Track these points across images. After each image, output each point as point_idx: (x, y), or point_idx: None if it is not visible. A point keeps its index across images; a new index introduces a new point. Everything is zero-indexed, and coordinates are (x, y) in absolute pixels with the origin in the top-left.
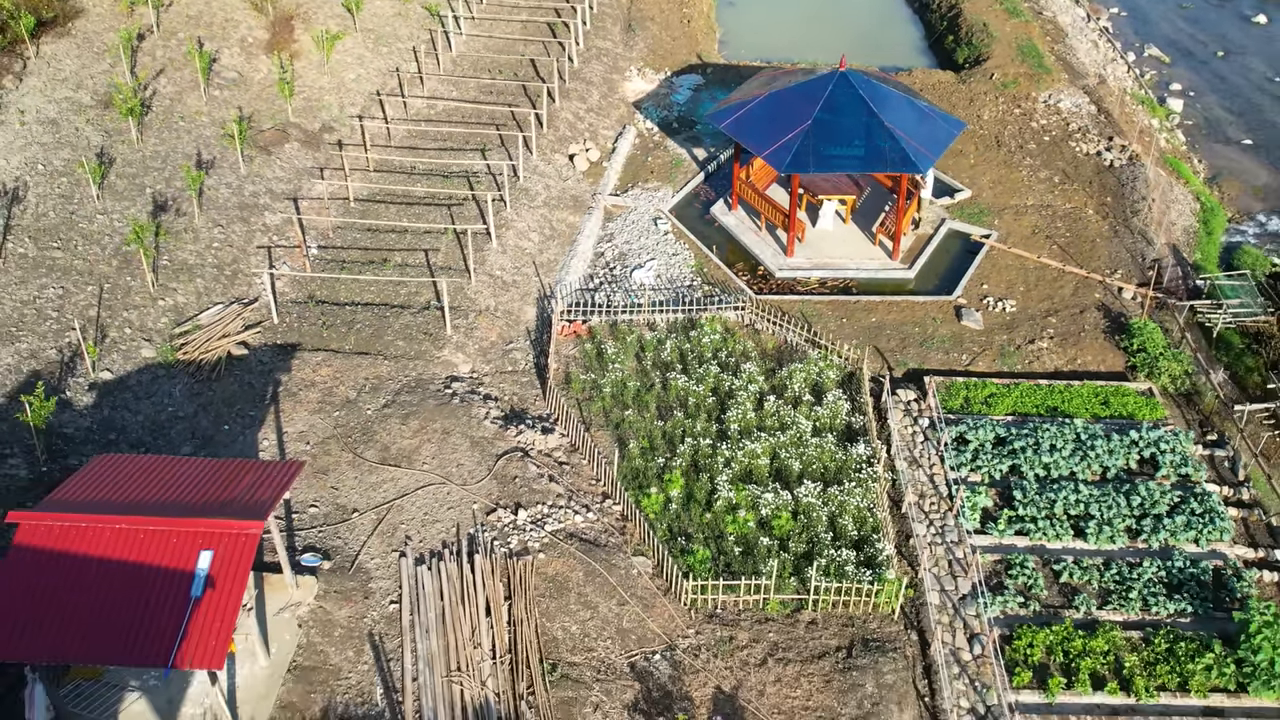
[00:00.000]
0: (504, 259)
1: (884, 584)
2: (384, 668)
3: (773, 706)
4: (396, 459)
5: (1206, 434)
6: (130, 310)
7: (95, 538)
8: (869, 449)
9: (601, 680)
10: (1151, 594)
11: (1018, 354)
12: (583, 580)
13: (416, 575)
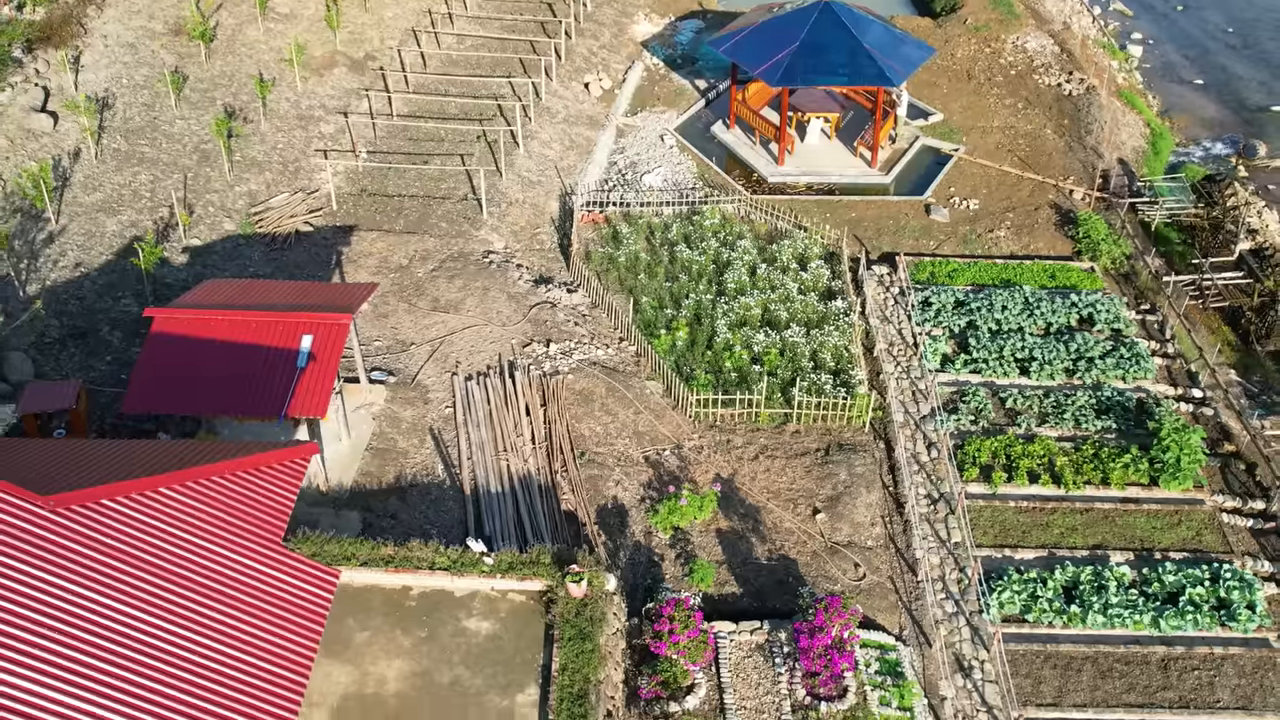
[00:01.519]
0: (529, 163)
1: (856, 399)
2: (443, 452)
3: (763, 487)
4: (445, 308)
5: (1141, 305)
6: (211, 194)
7: (217, 326)
8: (846, 303)
9: (621, 466)
10: (1082, 415)
11: (978, 241)
12: (604, 394)
13: (467, 388)
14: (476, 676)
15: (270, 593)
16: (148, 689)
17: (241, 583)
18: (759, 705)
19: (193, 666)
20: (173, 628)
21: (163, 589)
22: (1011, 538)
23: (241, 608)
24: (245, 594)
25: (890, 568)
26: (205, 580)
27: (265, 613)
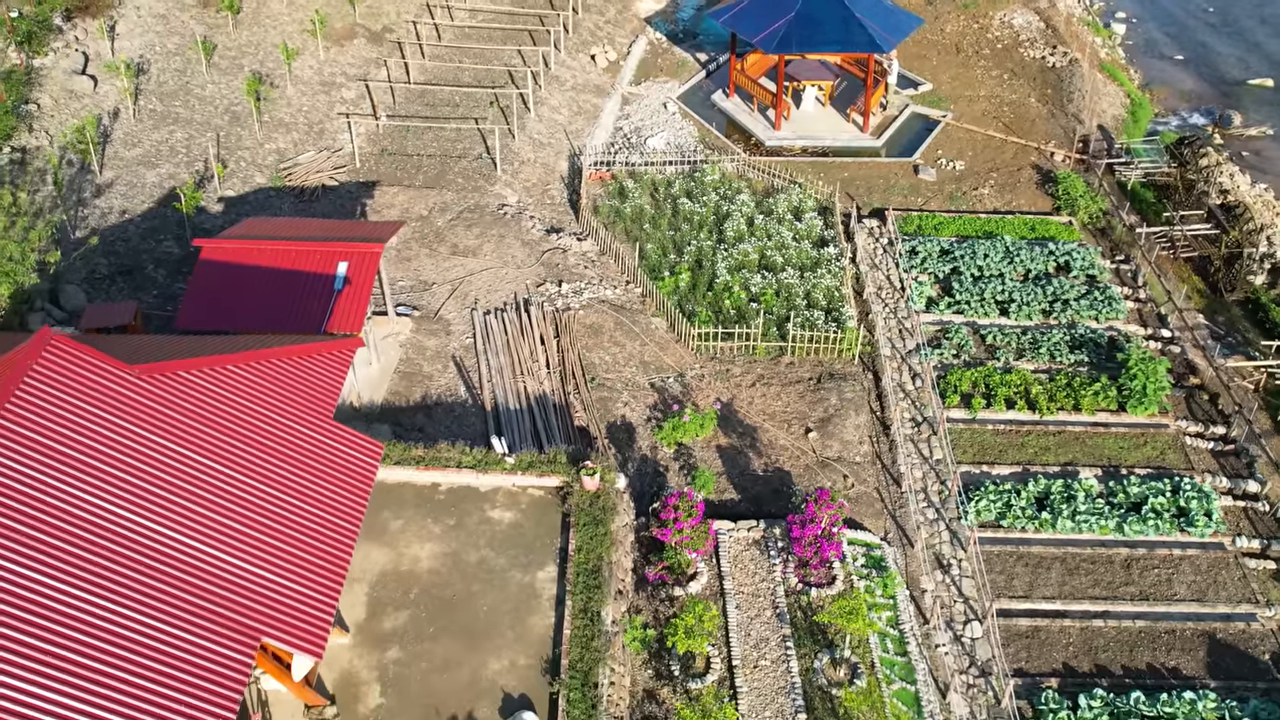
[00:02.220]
0: (540, 126)
1: (847, 332)
2: (464, 375)
3: (759, 410)
4: (463, 253)
5: (1116, 256)
6: (243, 150)
7: (260, 254)
8: (837, 250)
9: (628, 390)
10: (1057, 350)
11: (964, 198)
12: (613, 327)
13: (485, 321)
14: (501, 557)
15: (324, 456)
16: (222, 524)
17: (299, 445)
18: (755, 590)
19: (260, 511)
20: (242, 477)
21: (230, 444)
22: (989, 456)
23: (301, 465)
24: (303, 455)
25: (877, 480)
26: (268, 441)
27: (321, 471)
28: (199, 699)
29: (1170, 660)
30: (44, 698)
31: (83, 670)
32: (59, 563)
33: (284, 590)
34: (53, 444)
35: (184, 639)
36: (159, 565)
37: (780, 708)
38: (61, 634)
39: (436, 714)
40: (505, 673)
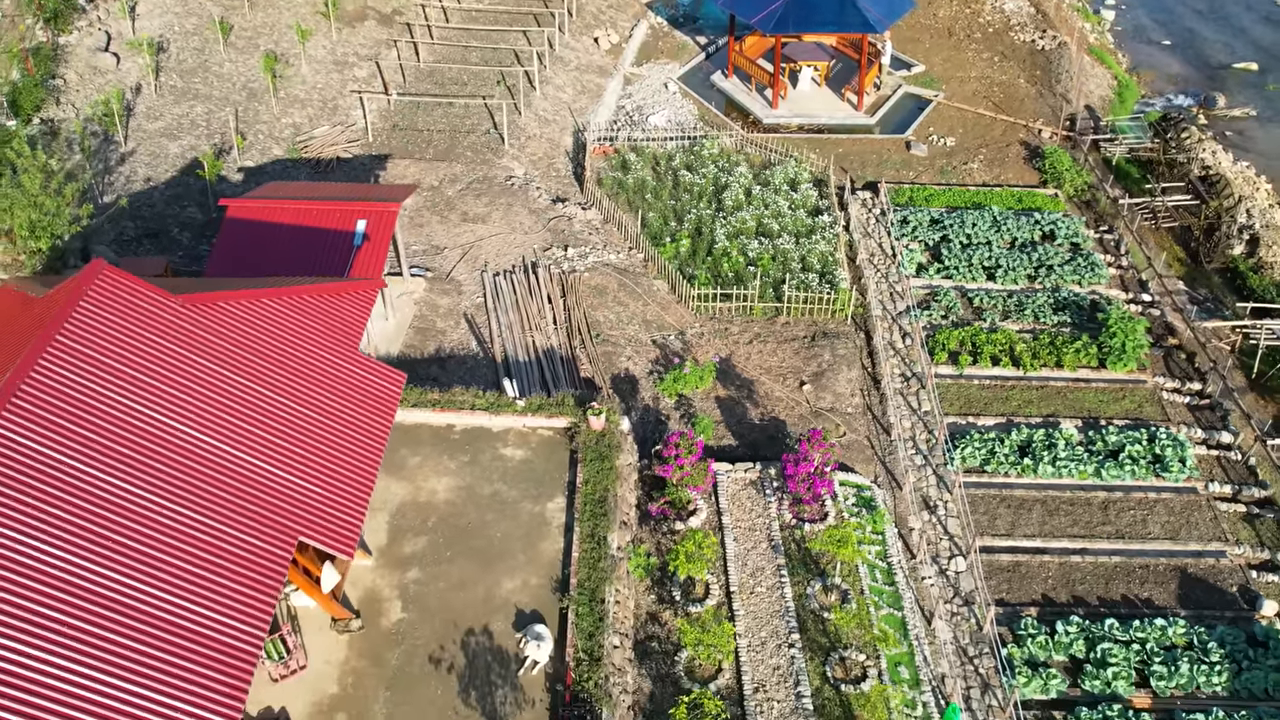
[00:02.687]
0: (545, 104)
1: (840, 293)
2: (476, 331)
3: (756, 365)
4: (473, 220)
5: (1100, 227)
6: (260, 124)
7: (283, 213)
8: (831, 218)
9: (631, 345)
10: (1041, 312)
11: (954, 172)
12: (616, 288)
13: (495, 282)
14: (513, 490)
15: (351, 381)
16: (262, 438)
17: (328, 371)
18: (752, 525)
19: (295, 427)
20: (278, 397)
21: (266, 368)
22: (974, 408)
23: (330, 388)
24: (332, 379)
25: (867, 429)
26: (300, 366)
27: (349, 395)
28: (246, 585)
29: (1143, 592)
30: (113, 577)
31: (147, 557)
32: (119, 464)
33: (318, 496)
34: (107, 359)
35: (232, 534)
36: (208, 471)
37: (775, 629)
38: (127, 525)
39: (454, 627)
40: (518, 591)
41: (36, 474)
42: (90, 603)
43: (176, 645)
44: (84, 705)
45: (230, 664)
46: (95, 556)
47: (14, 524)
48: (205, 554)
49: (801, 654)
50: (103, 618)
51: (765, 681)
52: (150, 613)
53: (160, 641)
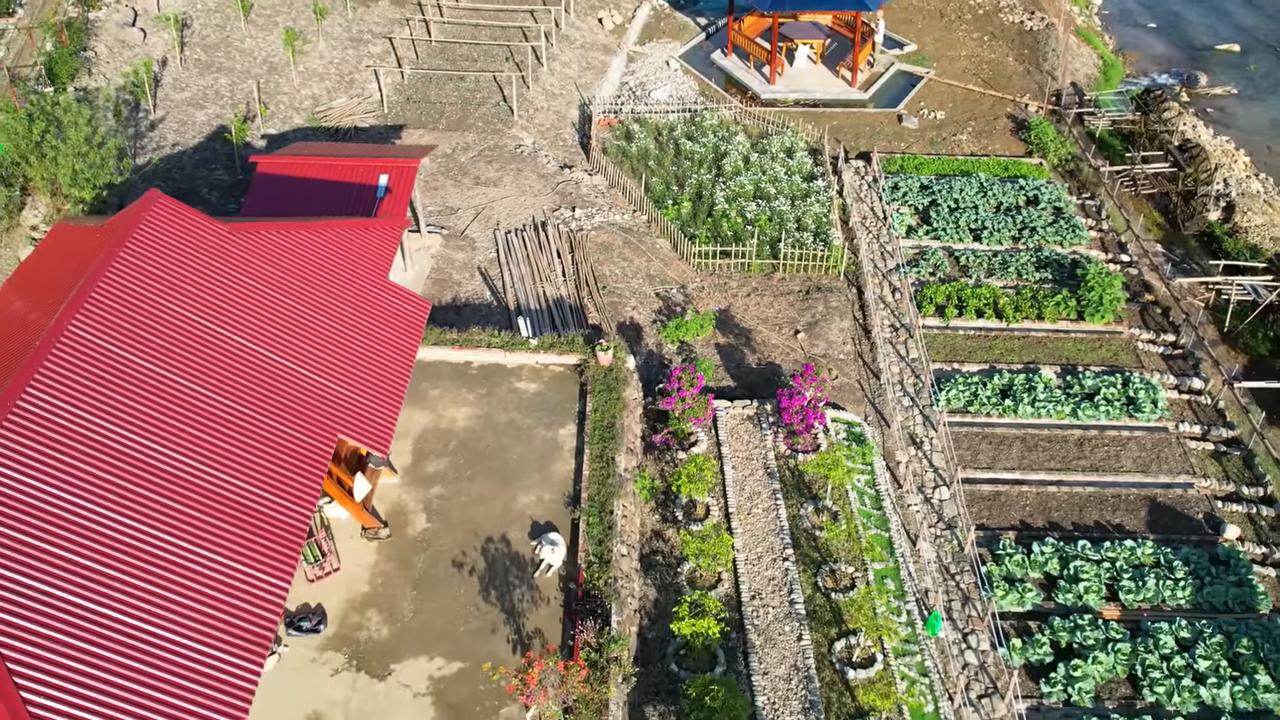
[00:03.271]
0: (552, 79)
1: (833, 250)
2: (489, 283)
3: (754, 316)
4: (485, 183)
5: (1082, 194)
6: (281, 95)
7: (310, 168)
8: (826, 183)
9: (636, 297)
10: (1024, 269)
11: (943, 143)
12: (621, 245)
13: (507, 238)
14: (527, 418)
15: (383, 304)
16: (305, 349)
17: (361, 295)
18: (749, 455)
19: (334, 341)
20: (317, 315)
21: (305, 290)
22: (959, 356)
23: (364, 310)
24: (364, 302)
25: (858, 374)
26: (335, 290)
27: (380, 316)
28: (295, 471)
29: (1115, 518)
30: (183, 460)
31: (209, 443)
32: (181, 363)
33: (354, 400)
34: (165, 275)
35: (281, 429)
36: (257, 375)
37: (770, 545)
38: (191, 417)
39: (475, 536)
40: (533, 505)
41: (110, 369)
42: (167, 480)
43: (238, 518)
44: (167, 565)
45: (283, 535)
46: (166, 441)
47: (95, 411)
48: (259, 443)
49: (795, 566)
50: (178, 494)
51: (761, 590)
52: (215, 490)
53: (225, 514)
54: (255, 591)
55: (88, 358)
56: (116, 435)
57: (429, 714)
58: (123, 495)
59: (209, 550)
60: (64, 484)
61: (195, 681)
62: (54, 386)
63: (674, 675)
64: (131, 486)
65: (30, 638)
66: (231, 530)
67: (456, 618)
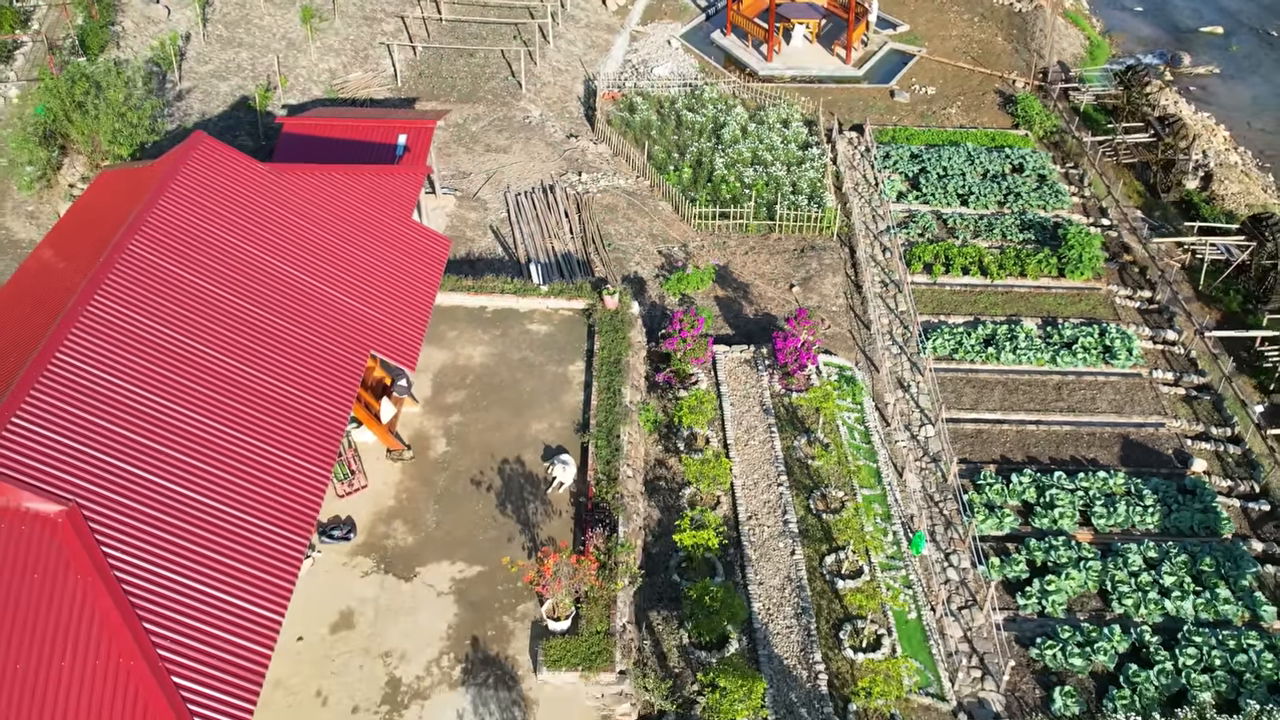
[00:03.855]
0: (558, 56)
1: (826, 212)
2: (501, 240)
3: (751, 271)
4: (496, 150)
5: (1066, 164)
6: (299, 69)
7: (332, 128)
8: (820, 150)
9: (639, 254)
10: (1009, 231)
11: (933, 116)
12: (626, 207)
13: (517, 200)
14: (539, 356)
15: (407, 240)
16: (339, 275)
17: (388, 230)
18: (746, 393)
19: (365, 267)
20: (349, 245)
21: (338, 224)
22: (946, 309)
23: (390, 243)
24: (391, 236)
25: (850, 325)
26: (365, 225)
27: (406, 249)
28: (332, 380)
29: (1090, 453)
30: (231, 364)
31: (254, 351)
32: (226, 282)
33: (384, 321)
34: (211, 205)
35: (319, 342)
36: (295, 296)
37: (766, 472)
38: (238, 329)
39: (491, 458)
40: (545, 431)
41: (167, 284)
42: (222, 381)
43: (285, 416)
44: (228, 453)
45: (324, 430)
46: (220, 347)
47: (156, 319)
48: (300, 354)
49: (789, 491)
50: (232, 393)
51: (757, 512)
52: (263, 392)
53: (273, 412)
54: (301, 476)
55: (147, 273)
56: (176, 341)
57: (452, 610)
58: (185, 391)
59: (261, 442)
60: (134, 380)
61: (253, 549)
62: (119, 296)
63: (676, 585)
64: (192, 384)
65: (115, 506)
66: (279, 426)
67: (476, 528)
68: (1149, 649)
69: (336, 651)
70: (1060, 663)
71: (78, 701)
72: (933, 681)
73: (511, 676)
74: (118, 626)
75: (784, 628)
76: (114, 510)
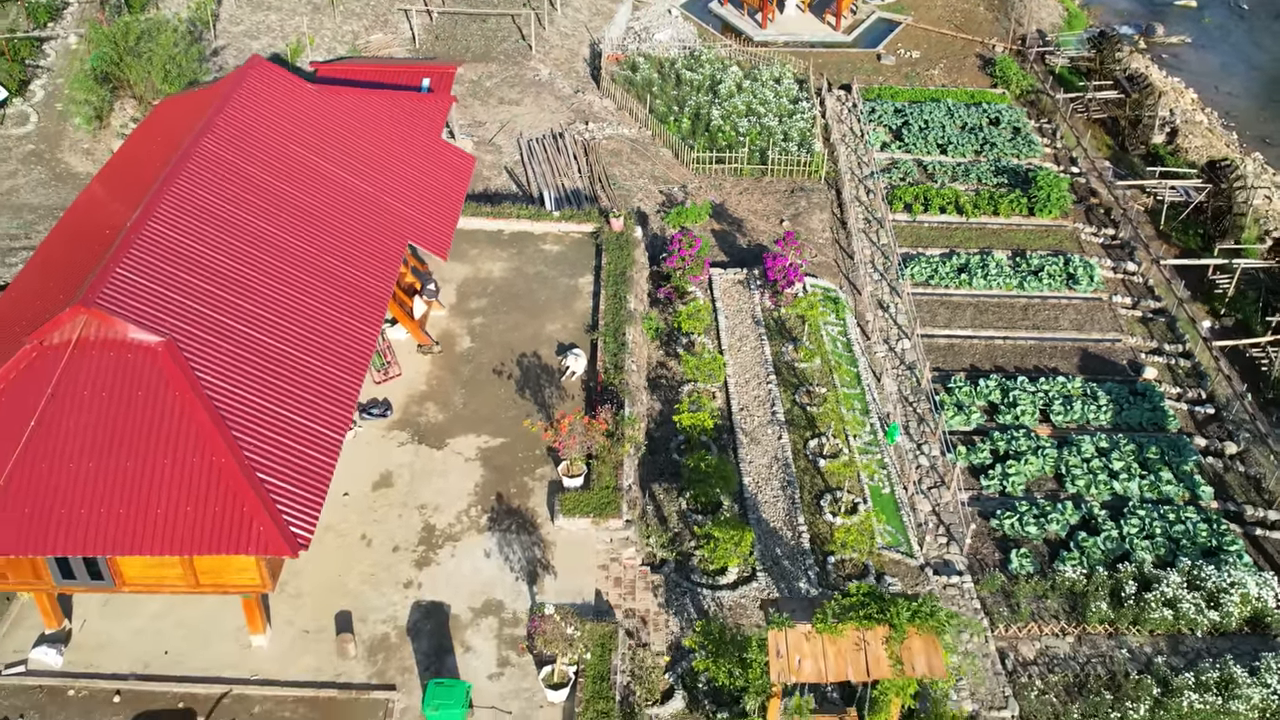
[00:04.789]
0: (565, 22)
1: (815, 156)
2: (515, 180)
3: (745, 208)
4: (509, 103)
5: (1040, 121)
6: (324, 31)
7: (362, 73)
8: (810, 104)
9: (642, 192)
10: (984, 176)
11: (917, 77)
12: (629, 152)
13: (529, 144)
14: (552, 270)
15: (437, 155)
16: (381, 178)
17: (419, 145)
18: (739, 308)
19: (401, 173)
20: (384, 153)
21: (375, 134)
22: (923, 243)
23: (423, 156)
24: (421, 150)
25: (835, 255)
26: (398, 137)
27: (436, 162)
28: (377, 261)
29: (1051, 364)
30: (294, 240)
31: (317, 235)
32: (284, 177)
33: (420, 217)
34: (268, 114)
35: (367, 231)
36: (344, 192)
37: (756, 373)
38: (292, 218)
39: (511, 352)
40: (558, 331)
41: (235, 175)
42: (286, 256)
43: (338, 286)
44: (299, 310)
45: (371, 300)
46: (276, 227)
47: (226, 202)
48: (349, 237)
49: (777, 387)
50: (292, 263)
51: (748, 405)
52: (319, 267)
53: (328, 284)
54: (354, 332)
55: (218, 165)
56: (244, 220)
57: (478, 473)
58: (254, 259)
59: (320, 303)
60: (212, 247)
61: (317, 383)
62: (196, 182)
63: (676, 462)
64: (260, 255)
65: (203, 342)
66: (335, 293)
67: (498, 408)
68: (1097, 520)
69: (378, 505)
70: (1017, 531)
71: (181, 491)
72: (903, 543)
73: (531, 524)
74: (211, 432)
75: (771, 497)
76: (202, 345)
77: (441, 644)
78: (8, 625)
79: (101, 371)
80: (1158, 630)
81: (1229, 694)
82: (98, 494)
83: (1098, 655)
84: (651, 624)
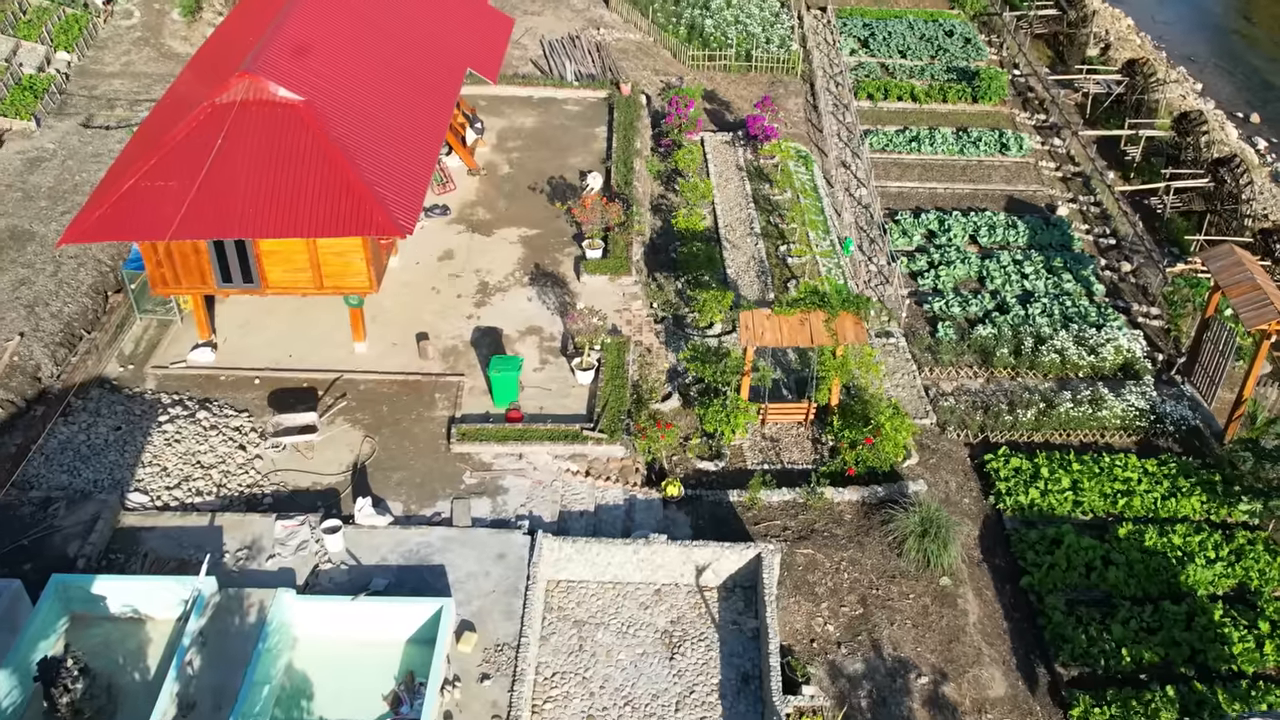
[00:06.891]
0: None
1: (792, 54)
2: (538, 67)
3: (732, 93)
4: (530, 14)
5: (991, 37)
6: None
7: None
8: (790, 15)
9: (645, 81)
10: (936, 74)
11: (886, 2)
12: (635, 52)
13: (549, 44)
14: (573, 123)
15: (482, 13)
16: (439, 22)
17: (468, 5)
18: (725, 160)
19: (452, 17)
20: (443, 7)
21: None
22: (882, 122)
23: (471, 12)
24: (471, 8)
25: (807, 128)
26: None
27: (481, 17)
28: (448, 74)
29: (979, 204)
30: (395, 58)
31: (406, 47)
32: (376, 19)
33: (474, 52)
34: None
35: (439, 55)
36: (419, 30)
37: (738, 202)
38: (391, 36)
39: (541, 176)
40: (579, 162)
41: (334, 9)
42: (382, 58)
43: (421, 85)
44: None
45: (443, 97)
46: (377, 38)
47: (338, 32)
48: (423, 57)
49: (755, 211)
50: (389, 64)
51: (732, 224)
52: (408, 70)
53: (414, 79)
54: (434, 111)
55: (323, 3)
56: (351, 32)
57: (520, 250)
58: (364, 55)
59: (410, 93)
60: (335, 42)
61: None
62: (310, 8)
63: (673, 260)
64: (365, 56)
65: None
66: (420, 87)
67: (533, 211)
68: (1008, 305)
69: (443, 269)
70: (944, 312)
71: (320, 196)
72: None
73: (562, 281)
74: (340, 160)
75: (749, 281)
76: (331, 105)
77: (498, 351)
78: (169, 340)
79: (260, 120)
80: (1049, 373)
81: (1098, 407)
82: (260, 198)
83: (1001, 391)
84: (655, 353)
